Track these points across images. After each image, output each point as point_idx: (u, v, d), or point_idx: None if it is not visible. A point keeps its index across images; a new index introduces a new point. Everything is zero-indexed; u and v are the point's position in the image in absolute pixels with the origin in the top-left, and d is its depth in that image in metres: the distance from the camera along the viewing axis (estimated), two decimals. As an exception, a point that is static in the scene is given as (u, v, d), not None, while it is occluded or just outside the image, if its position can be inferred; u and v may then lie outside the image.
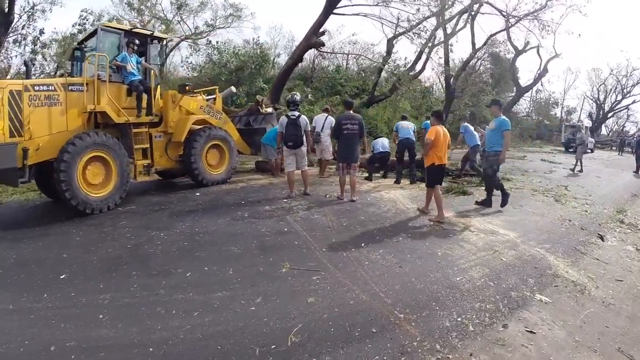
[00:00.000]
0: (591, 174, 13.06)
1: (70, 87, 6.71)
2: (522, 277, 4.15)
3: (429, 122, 9.61)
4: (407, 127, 9.48)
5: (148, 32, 8.18)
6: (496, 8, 17.44)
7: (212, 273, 4.14)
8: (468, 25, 18.24)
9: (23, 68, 16.04)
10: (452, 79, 18.56)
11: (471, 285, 3.93)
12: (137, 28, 8.02)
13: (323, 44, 11.96)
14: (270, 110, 10.85)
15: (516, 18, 17.46)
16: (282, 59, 24.54)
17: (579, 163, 13.85)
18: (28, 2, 15.93)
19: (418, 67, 20.33)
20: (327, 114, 9.24)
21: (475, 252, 4.82)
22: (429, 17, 17.08)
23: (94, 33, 7.59)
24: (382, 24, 13.76)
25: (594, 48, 65.96)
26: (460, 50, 53.13)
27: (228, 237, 5.22)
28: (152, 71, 7.78)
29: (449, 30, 17.98)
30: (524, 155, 17.32)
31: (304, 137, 7.10)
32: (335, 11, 11.72)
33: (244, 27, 22.49)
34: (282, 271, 4.16)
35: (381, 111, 21.21)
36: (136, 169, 7.56)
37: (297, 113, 7.16)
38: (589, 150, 24.35)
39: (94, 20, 17.13)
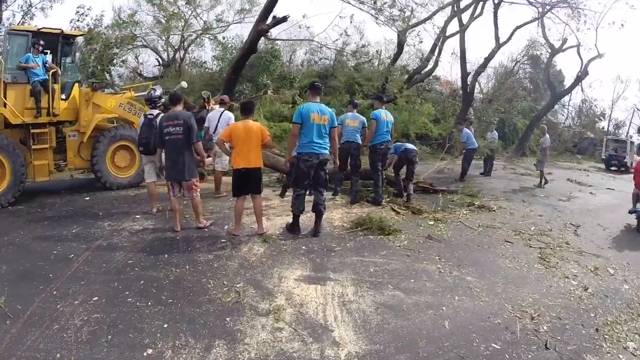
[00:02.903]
0: (626, 206, 7.40)
1: None
2: None
3: (378, 111, 6.59)
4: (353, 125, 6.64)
5: (57, 31, 7.02)
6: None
7: None
8: (487, 16, 15.17)
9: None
10: (469, 77, 14.93)
11: None
12: (44, 28, 6.86)
13: (267, 30, 9.37)
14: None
15: (546, 6, 13.23)
16: (298, 56, 22.19)
17: (542, 176, 10.07)
18: (25, 1, 15.52)
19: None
20: (223, 108, 6.66)
21: None
22: (443, 7, 14.43)
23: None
24: (377, 14, 10.43)
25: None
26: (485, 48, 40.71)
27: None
28: (54, 70, 6.62)
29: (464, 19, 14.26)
30: (549, 172, 12.41)
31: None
32: None
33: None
34: None
35: (392, 113, 18.58)
36: (34, 169, 6.58)
37: (155, 111, 5.38)
38: (623, 169, 19.68)
39: (97, 17, 15.86)
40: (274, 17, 9.51)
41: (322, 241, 4.63)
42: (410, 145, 7.44)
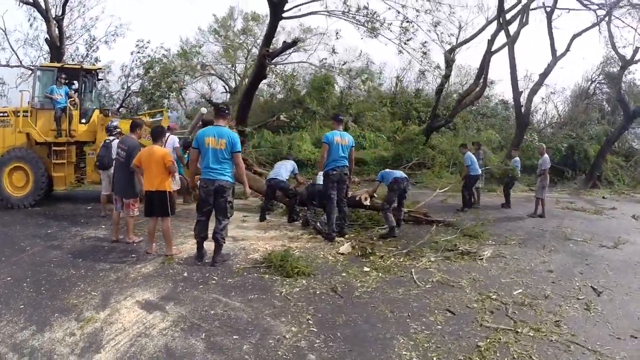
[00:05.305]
0: None
1: (17, 114, 8.00)
2: None
3: (331, 133, 6.00)
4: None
5: (77, 66, 8.78)
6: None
7: None
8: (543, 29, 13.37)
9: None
10: (522, 97, 13.22)
11: None
12: (67, 64, 8.50)
13: (267, 56, 9.57)
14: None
15: (605, 7, 11.13)
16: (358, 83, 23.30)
17: (538, 205, 8.58)
18: (90, 36, 17.60)
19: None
20: (169, 133, 6.97)
21: None
22: (490, 22, 13.54)
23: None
24: (360, 24, 10.18)
25: None
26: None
27: None
28: (72, 99, 8.07)
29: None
30: (613, 206, 10.32)
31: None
32: (286, 14, 9.66)
33: (318, 50, 20.72)
34: None
35: (450, 139, 16.98)
36: (54, 179, 8.03)
37: (112, 138, 6.57)
38: None
39: (157, 48, 17.47)
40: (284, 42, 10.14)
41: (211, 272, 4.37)
42: (398, 173, 6.52)
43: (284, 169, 7.09)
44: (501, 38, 13.27)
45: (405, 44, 9.44)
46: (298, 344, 2.98)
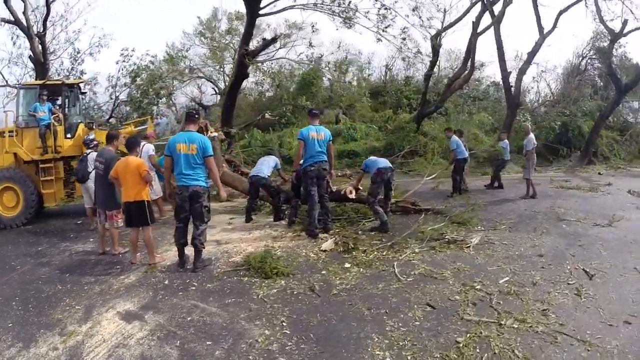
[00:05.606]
0: None
1: (3, 134, 8.05)
2: None
3: (306, 129, 5.94)
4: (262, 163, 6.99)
5: (59, 82, 8.84)
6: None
7: None
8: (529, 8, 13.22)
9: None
10: (511, 77, 13.17)
11: None
12: (49, 81, 8.58)
13: (246, 53, 9.46)
14: (215, 134, 9.19)
15: None
16: (351, 72, 22.52)
17: (529, 186, 8.50)
18: (74, 49, 17.48)
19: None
20: (144, 141, 7.05)
21: None
22: (474, 3, 13.45)
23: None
24: (335, 15, 10.03)
25: None
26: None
27: None
28: (56, 115, 8.13)
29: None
30: (609, 182, 10.18)
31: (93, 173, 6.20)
32: (262, 11, 9.61)
33: (302, 45, 20.18)
34: None
35: (442, 125, 16.17)
36: (44, 197, 8.07)
37: (89, 151, 6.58)
38: None
39: (142, 55, 17.39)
40: (264, 39, 10.16)
41: (192, 278, 4.42)
42: (382, 162, 6.27)
43: (265, 165, 6.90)
44: (487, 19, 13.19)
45: (384, 31, 9.35)
46: (269, 347, 3.01)
